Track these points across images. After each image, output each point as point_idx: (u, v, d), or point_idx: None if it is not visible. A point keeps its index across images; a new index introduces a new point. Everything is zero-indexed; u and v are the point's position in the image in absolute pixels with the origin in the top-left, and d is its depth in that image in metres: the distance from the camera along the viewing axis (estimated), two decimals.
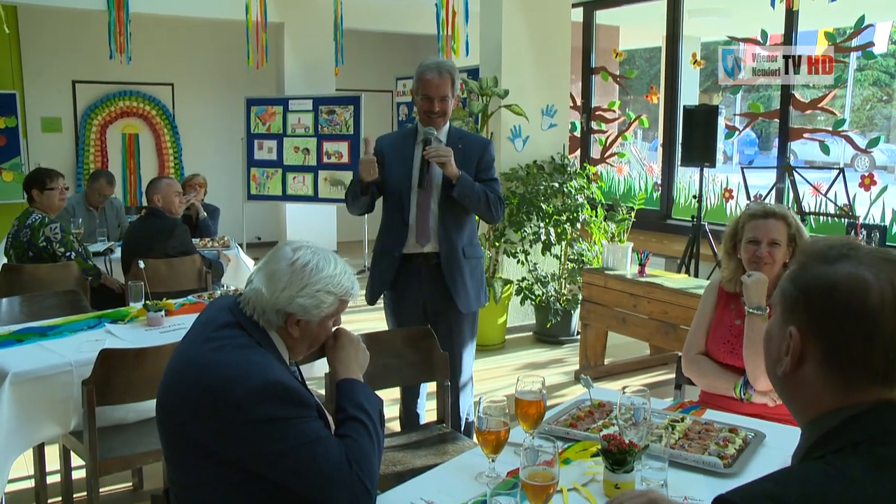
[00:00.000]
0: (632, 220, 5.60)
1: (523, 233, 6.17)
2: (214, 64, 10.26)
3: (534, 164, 6.44)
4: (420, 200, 3.52)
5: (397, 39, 11.23)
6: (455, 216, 3.53)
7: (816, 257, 1.23)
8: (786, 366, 1.23)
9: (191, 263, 4.89)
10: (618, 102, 8.20)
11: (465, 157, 3.52)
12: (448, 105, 3.50)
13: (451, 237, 3.53)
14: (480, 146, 3.58)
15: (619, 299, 5.14)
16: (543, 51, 6.55)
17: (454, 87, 3.50)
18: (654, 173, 7.93)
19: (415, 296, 3.61)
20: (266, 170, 9.28)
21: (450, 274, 3.53)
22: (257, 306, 1.93)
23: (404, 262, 3.58)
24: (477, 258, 3.64)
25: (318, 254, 1.97)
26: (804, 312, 1.20)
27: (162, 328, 3.61)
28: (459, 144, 3.54)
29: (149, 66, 9.71)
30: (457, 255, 3.54)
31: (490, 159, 3.58)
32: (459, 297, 3.55)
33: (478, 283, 3.63)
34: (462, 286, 3.55)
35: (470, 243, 3.61)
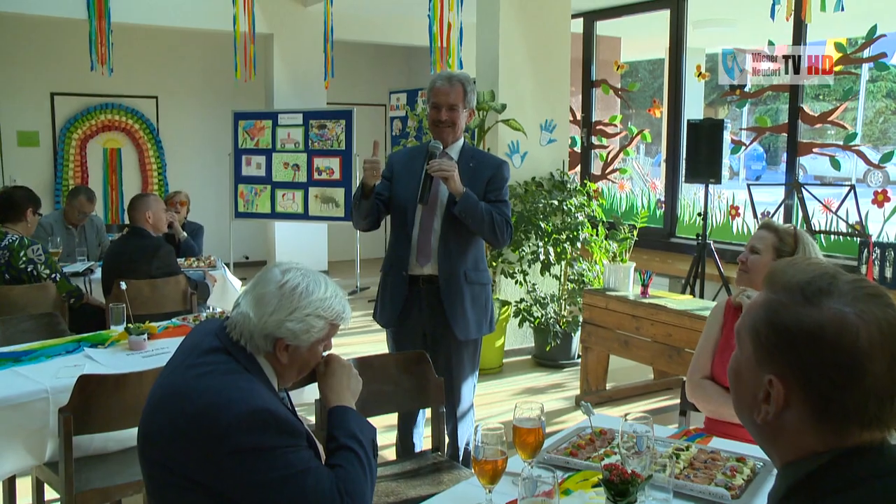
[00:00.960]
0: (634, 239, 5.61)
1: (522, 252, 6.18)
2: (201, 76, 10.30)
3: (532, 180, 6.46)
4: (423, 217, 3.52)
5: (390, 51, 11.29)
6: (458, 237, 3.49)
7: (793, 295, 1.16)
8: (766, 414, 1.19)
9: (175, 284, 4.88)
10: (619, 116, 8.24)
11: (476, 175, 3.50)
12: (458, 116, 3.49)
13: (453, 259, 3.50)
14: (493, 165, 3.54)
15: (621, 321, 5.14)
16: (542, 63, 6.59)
17: (466, 99, 3.49)
18: (657, 190, 7.96)
19: (415, 319, 3.60)
20: (254, 186, 9.30)
21: (448, 298, 3.50)
22: (244, 331, 1.93)
23: (413, 284, 3.57)
24: (482, 284, 3.59)
25: (308, 276, 1.98)
26: (786, 360, 1.15)
27: (144, 353, 3.59)
28: (471, 163, 3.53)
29: (132, 77, 9.75)
30: (457, 279, 3.51)
31: (502, 180, 3.53)
32: (456, 324, 3.51)
33: (481, 310, 3.58)
34: (460, 312, 3.51)
35: (475, 268, 3.56)
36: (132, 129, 9.96)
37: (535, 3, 6.51)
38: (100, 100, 9.72)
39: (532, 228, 6.10)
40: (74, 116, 9.64)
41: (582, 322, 5.53)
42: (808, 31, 6.13)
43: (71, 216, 6.35)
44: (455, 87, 3.48)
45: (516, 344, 6.67)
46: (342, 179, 8.94)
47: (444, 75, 3.53)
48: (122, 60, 8.73)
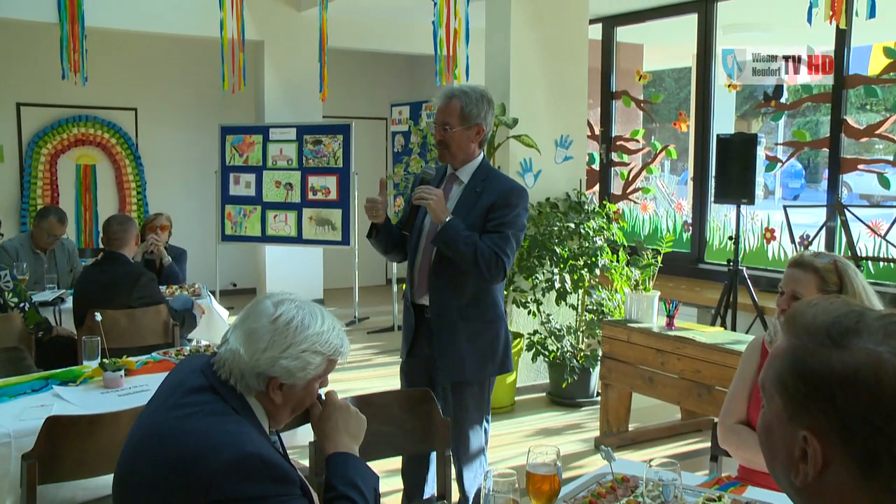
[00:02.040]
0: (658, 265, 5.61)
1: (535, 280, 6.18)
2: (184, 86, 10.36)
3: (546, 201, 6.48)
4: (426, 245, 3.56)
5: (392, 60, 11.36)
6: (452, 269, 3.47)
7: (819, 338, 1.14)
8: (804, 476, 1.15)
9: (155, 315, 4.88)
10: (642, 131, 8.27)
11: (479, 201, 3.49)
12: (452, 136, 3.49)
13: (444, 293, 3.50)
14: (498, 191, 3.49)
15: (644, 356, 5.13)
16: (557, 73, 6.63)
17: (465, 116, 3.48)
18: (683, 211, 7.97)
19: (420, 351, 3.64)
20: (243, 207, 9.33)
21: (438, 333, 3.51)
22: (234, 369, 1.93)
23: (416, 312, 3.62)
24: (485, 321, 3.55)
25: (302, 308, 1.98)
26: (821, 412, 1.12)
27: (121, 391, 3.59)
28: (478, 188, 3.52)
29: (108, 87, 9.79)
30: (448, 314, 3.50)
31: (506, 207, 3.46)
32: (444, 363, 3.51)
33: (483, 349, 3.55)
34: (451, 350, 3.50)
35: (474, 303, 3.52)
36: (108, 143, 9.98)
37: (549, 7, 6.56)
38: (72, 111, 9.75)
39: (546, 254, 6.10)
40: (44, 129, 9.64)
41: (601, 356, 5.52)
42: (853, 35, 6.11)
43: (39, 239, 6.27)
44: (450, 103, 3.49)
45: (529, 380, 6.66)
46: (339, 200, 8.96)
47: (443, 91, 3.56)
48: (97, 68, 8.78)
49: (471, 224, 3.43)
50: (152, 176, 10.26)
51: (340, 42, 8.86)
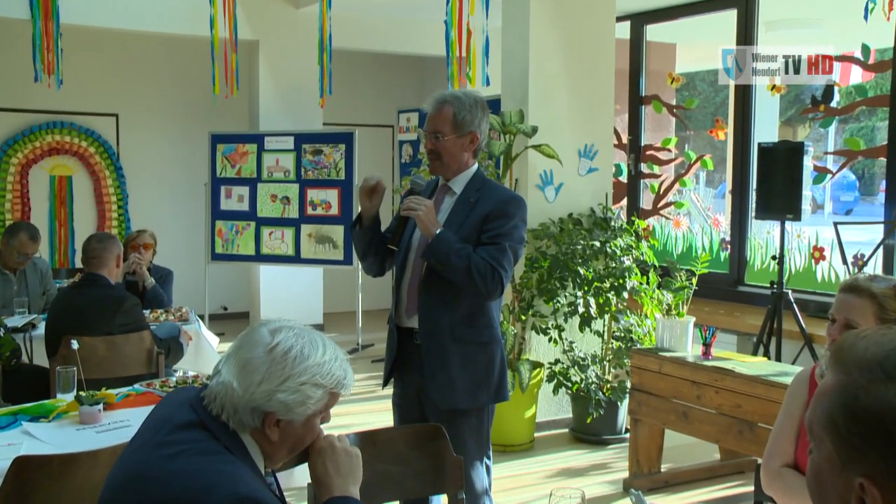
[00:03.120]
0: (693, 288, 5.60)
1: (556, 303, 6.18)
2: (170, 90, 10.42)
3: (569, 217, 6.49)
4: (415, 261, 3.59)
5: (399, 63, 11.40)
6: (440, 285, 3.48)
7: (871, 373, 1.13)
8: None
9: (138, 342, 4.88)
10: (674, 139, 8.28)
11: (474, 212, 3.53)
12: (444, 145, 3.53)
13: (435, 311, 3.51)
14: (494, 200, 3.53)
15: (678, 388, 5.12)
16: (581, 76, 6.65)
17: (458, 124, 3.51)
18: (721, 228, 7.96)
19: (410, 382, 3.66)
20: (235, 223, 9.37)
21: (428, 357, 3.52)
22: (227, 404, 1.93)
23: (403, 336, 3.64)
24: (479, 343, 3.56)
25: (302, 336, 1.99)
26: (879, 456, 1.10)
27: (99, 427, 3.58)
28: (472, 198, 3.56)
29: (86, 91, 9.85)
30: (439, 335, 3.50)
31: (503, 217, 3.49)
32: (435, 389, 3.51)
33: (477, 374, 3.55)
34: (442, 375, 3.50)
35: (468, 323, 3.53)
36: (86, 153, 10.02)
37: (572, 4, 6.58)
38: (46, 117, 9.79)
39: (569, 275, 6.10)
40: (14, 137, 9.68)
41: (630, 389, 5.50)
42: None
43: (8, 258, 6.23)
44: (441, 109, 3.53)
45: (550, 415, 6.64)
46: (341, 215, 8.99)
47: (433, 97, 3.60)
48: (73, 70, 8.82)
49: (464, 237, 3.45)
50: (135, 189, 10.30)
51: (343, 42, 8.90)
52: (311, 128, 9.60)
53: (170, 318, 5.88)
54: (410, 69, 11.62)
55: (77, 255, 9.36)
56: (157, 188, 10.43)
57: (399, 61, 11.35)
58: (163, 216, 10.11)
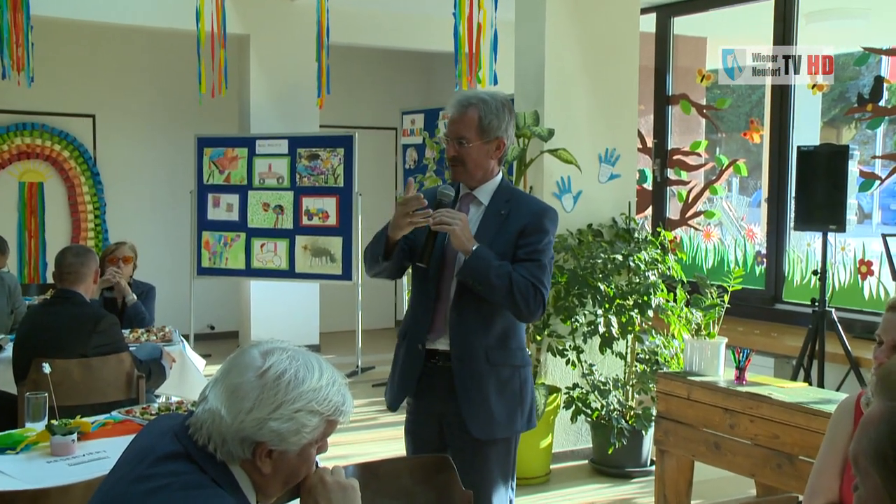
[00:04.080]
0: (725, 306, 5.58)
1: (574, 323, 6.17)
2: (153, 89, 10.45)
3: (588, 228, 6.48)
4: (444, 277, 3.58)
5: (403, 59, 11.42)
6: (478, 304, 3.51)
7: None
8: None
9: (117, 365, 4.88)
10: (704, 142, 8.27)
11: (506, 225, 3.54)
12: (469, 152, 3.53)
13: (468, 333, 3.52)
14: (530, 213, 3.57)
15: (708, 416, 5.10)
16: (602, 74, 6.65)
17: (484, 129, 3.51)
18: (756, 240, 7.94)
19: (429, 402, 3.65)
20: (224, 234, 9.38)
21: (462, 383, 3.53)
22: (214, 433, 1.93)
23: (429, 359, 3.63)
24: (513, 366, 3.60)
25: (296, 359, 1.99)
26: None
27: (72, 459, 3.58)
28: (503, 210, 3.57)
29: (60, 89, 9.89)
30: (474, 359, 3.52)
31: (540, 232, 3.56)
32: (473, 418, 3.52)
33: (512, 399, 3.58)
34: (479, 402, 3.52)
35: (502, 345, 3.57)
36: (59, 157, 10.04)
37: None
38: (15, 118, 9.82)
39: (588, 292, 6.09)
40: None
41: (656, 416, 5.48)
42: None
43: None
44: (466, 112, 3.53)
45: (568, 444, 6.63)
46: (339, 226, 9.00)
47: (456, 98, 3.61)
48: (46, 67, 8.85)
49: (497, 253, 3.46)
50: (113, 196, 10.32)
51: (341, 37, 8.92)
52: (306, 130, 9.62)
53: (151, 339, 5.88)
54: (415, 67, 11.65)
55: (49, 269, 9.37)
56: (137, 196, 10.44)
57: (403, 58, 11.37)
58: (144, 227, 10.13)
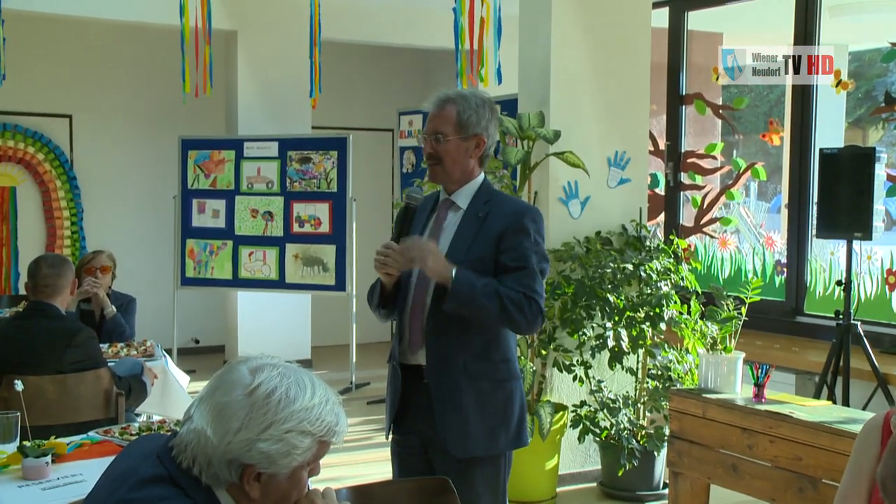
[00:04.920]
0: (743, 318, 5.59)
1: (582, 336, 6.17)
2: (134, 88, 10.46)
3: (597, 236, 6.49)
4: (418, 287, 3.61)
5: (401, 57, 11.42)
6: (449, 316, 3.50)
7: None
8: None
9: (95, 382, 4.87)
10: (720, 145, 8.27)
11: (484, 231, 3.55)
12: (446, 149, 3.57)
13: (445, 344, 3.53)
14: (507, 214, 3.58)
15: (725, 436, 5.09)
16: (612, 72, 6.66)
17: (462, 124, 3.56)
18: (775, 248, 7.94)
19: (412, 429, 3.68)
20: (209, 242, 9.38)
21: (439, 397, 3.54)
22: (199, 455, 1.93)
23: (407, 376, 3.65)
24: (496, 380, 3.59)
25: (287, 376, 2.00)
26: None
27: (46, 483, 3.57)
28: (481, 212, 3.59)
29: (33, 88, 9.89)
30: (451, 372, 3.53)
31: (520, 234, 3.55)
32: (449, 434, 3.53)
33: (494, 416, 3.58)
34: (456, 418, 3.52)
35: (482, 357, 3.57)
36: (33, 160, 10.03)
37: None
38: None
39: (597, 303, 6.09)
40: None
41: (669, 436, 5.48)
42: None
43: None
44: (444, 108, 3.59)
45: (576, 466, 6.62)
46: (333, 233, 9.00)
47: (435, 95, 3.66)
48: (19, 63, 8.84)
49: (476, 258, 3.49)
50: (91, 202, 10.32)
51: (335, 33, 8.93)
52: (298, 132, 9.62)
53: (132, 354, 5.87)
54: (413, 64, 11.66)
55: (21, 279, 9.37)
56: (117, 201, 10.45)
57: (400, 55, 11.37)
58: (124, 234, 10.14)
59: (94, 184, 10.33)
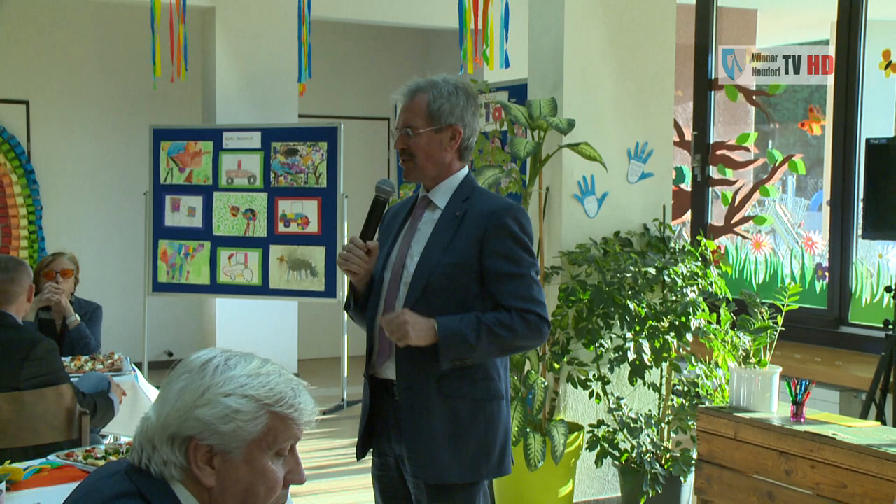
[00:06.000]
0: (779, 329, 5.59)
1: (599, 348, 6.16)
2: (99, 72, 10.47)
3: (615, 237, 6.50)
4: (389, 292, 3.62)
5: (398, 38, 11.43)
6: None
7: None
8: None
9: (55, 400, 4.86)
10: (754, 135, 8.27)
11: (461, 229, 3.55)
12: (417, 143, 3.58)
13: (415, 359, 3.51)
14: (488, 216, 3.56)
15: (760, 461, 5.09)
16: (632, 54, 6.66)
17: (433, 115, 3.57)
18: (816, 250, 7.93)
19: (388, 450, 3.69)
20: (184, 244, 9.38)
21: (408, 417, 3.53)
22: (145, 443, 1.97)
23: (377, 391, 3.67)
24: (475, 401, 3.57)
25: (235, 355, 2.04)
26: None
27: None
28: (459, 211, 3.59)
29: None
30: (422, 389, 3.52)
31: (502, 235, 3.54)
32: (417, 458, 3.52)
33: (472, 441, 3.56)
34: (426, 440, 3.52)
35: (460, 373, 3.53)
36: None
37: None
38: None
39: (615, 311, 6.08)
40: None
41: (697, 460, 5.49)
42: None
43: None
44: (413, 98, 3.61)
45: (593, 492, 6.63)
46: (322, 234, 8.99)
47: (405, 85, 3.69)
48: None
49: (453, 263, 3.50)
50: (51, 198, 10.30)
51: (327, 10, 8.94)
52: (283, 121, 9.64)
53: (97, 368, 5.88)
54: (412, 46, 11.67)
55: None
56: (80, 198, 10.45)
57: (397, 36, 11.39)
58: (88, 234, 10.16)
59: (54, 178, 10.32)
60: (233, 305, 9.78)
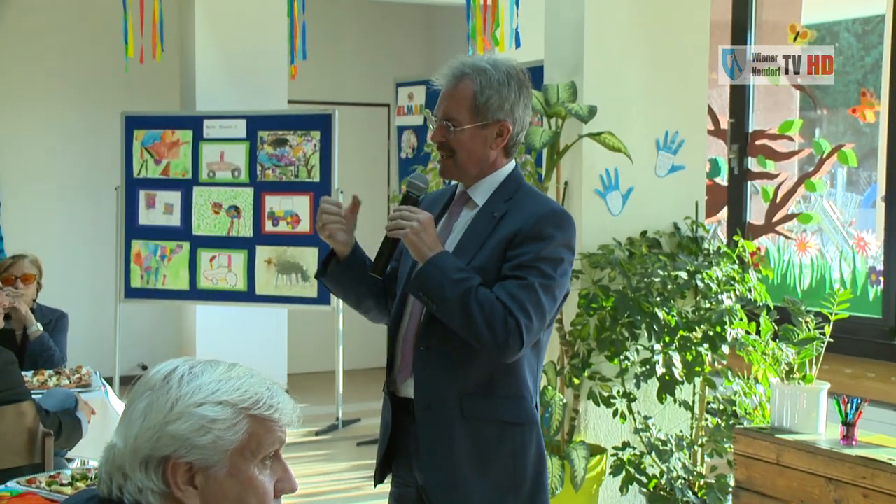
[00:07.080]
0: (827, 340, 5.59)
1: (624, 362, 6.17)
2: (64, 52, 10.49)
3: (642, 237, 6.51)
4: (414, 304, 3.58)
5: (399, 15, 11.45)
6: (445, 335, 3.44)
7: None
8: None
9: (16, 419, 4.89)
10: (799, 122, 8.27)
11: (497, 230, 3.49)
12: (459, 139, 3.51)
13: (436, 373, 3.49)
14: (525, 217, 3.48)
15: (806, 488, 5.09)
16: (660, 33, 6.67)
17: (479, 108, 3.49)
18: (869, 252, 7.93)
19: (409, 475, 3.66)
20: (160, 244, 9.39)
21: (426, 440, 3.50)
22: (115, 472, 1.97)
23: (399, 410, 3.64)
24: (503, 423, 3.52)
25: (198, 363, 2.05)
26: None
27: None
28: (498, 211, 3.52)
29: None
30: (443, 410, 3.48)
31: (533, 239, 3.43)
32: (435, 487, 3.49)
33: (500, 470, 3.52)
34: (446, 468, 3.49)
35: (486, 392, 3.50)
36: None
37: None
38: None
39: (642, 320, 6.09)
40: None
41: (734, 487, 5.49)
42: None
43: None
44: (456, 85, 3.52)
45: None
46: (314, 233, 8.97)
47: (448, 66, 3.59)
48: None
49: (481, 266, 3.43)
50: (10, 195, 10.35)
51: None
52: (271, 107, 9.65)
53: (63, 383, 5.90)
54: (414, 23, 11.69)
55: None
56: (43, 194, 10.48)
57: (399, 13, 11.41)
58: (52, 235, 10.19)
59: (12, 171, 10.36)
60: (215, 313, 9.79)
